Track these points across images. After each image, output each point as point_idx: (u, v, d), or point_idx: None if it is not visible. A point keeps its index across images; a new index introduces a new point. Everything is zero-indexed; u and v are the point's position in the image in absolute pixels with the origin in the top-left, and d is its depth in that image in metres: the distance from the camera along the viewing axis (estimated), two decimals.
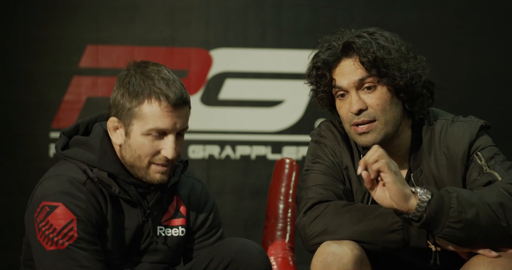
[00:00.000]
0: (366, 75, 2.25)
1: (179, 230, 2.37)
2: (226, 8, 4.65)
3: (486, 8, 4.70)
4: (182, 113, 2.22)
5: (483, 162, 2.24)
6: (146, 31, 4.61)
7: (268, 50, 4.68)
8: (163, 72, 2.24)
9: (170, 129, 2.21)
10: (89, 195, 2.22)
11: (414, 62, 2.27)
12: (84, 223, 2.18)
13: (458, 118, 2.34)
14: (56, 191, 2.19)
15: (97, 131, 2.31)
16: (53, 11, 4.58)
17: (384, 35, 2.29)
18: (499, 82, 4.71)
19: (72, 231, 2.16)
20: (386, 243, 2.14)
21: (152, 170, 2.24)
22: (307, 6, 4.66)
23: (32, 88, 4.57)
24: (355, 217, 2.17)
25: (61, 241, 2.15)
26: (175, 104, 2.19)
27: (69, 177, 2.22)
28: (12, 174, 4.47)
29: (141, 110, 2.20)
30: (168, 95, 2.19)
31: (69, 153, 2.28)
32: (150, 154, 2.22)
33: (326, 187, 2.29)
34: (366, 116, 2.25)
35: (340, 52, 2.28)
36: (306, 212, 2.25)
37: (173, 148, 2.21)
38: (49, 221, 2.16)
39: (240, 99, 4.68)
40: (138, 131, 2.22)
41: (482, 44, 4.70)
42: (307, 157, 2.42)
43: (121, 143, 2.25)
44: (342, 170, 2.34)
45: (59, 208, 2.17)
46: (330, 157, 2.36)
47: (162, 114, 2.19)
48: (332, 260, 2.10)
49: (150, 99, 2.20)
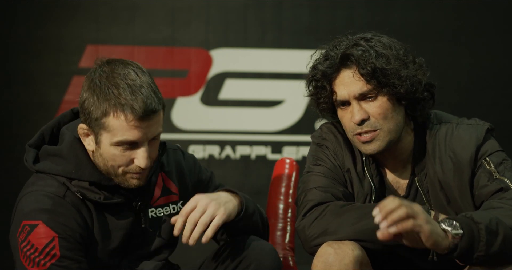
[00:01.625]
0: (366, 87, 2.23)
1: (170, 208, 2.33)
2: (226, 8, 4.65)
3: (486, 8, 4.70)
4: (151, 122, 2.12)
5: (493, 168, 2.23)
6: (146, 31, 4.61)
7: (268, 50, 4.68)
8: (130, 76, 2.12)
9: (140, 140, 2.12)
10: (71, 209, 2.15)
11: (414, 66, 2.25)
12: (66, 240, 2.11)
13: (462, 121, 2.33)
14: (35, 208, 2.13)
15: (67, 139, 2.22)
16: (53, 11, 4.58)
17: (381, 40, 2.27)
18: (499, 82, 4.71)
19: (54, 250, 2.09)
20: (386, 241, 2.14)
21: (128, 177, 2.17)
22: (307, 6, 4.66)
23: (32, 88, 4.57)
24: (354, 216, 2.17)
25: (43, 261, 2.09)
26: (142, 116, 2.09)
27: (47, 192, 2.15)
28: (12, 174, 4.47)
29: (108, 122, 2.11)
30: (133, 108, 2.08)
31: (43, 167, 2.20)
32: (122, 165, 2.15)
33: (326, 189, 2.28)
34: (369, 126, 2.24)
35: (338, 63, 2.26)
36: (305, 214, 2.25)
37: (146, 158, 2.13)
38: (31, 241, 2.10)
39: (240, 99, 4.68)
40: (107, 142, 2.13)
41: (482, 44, 4.70)
42: (308, 159, 2.41)
43: (93, 149, 2.18)
44: (343, 172, 2.34)
45: (39, 226, 2.10)
46: (332, 159, 2.35)
47: (129, 127, 2.10)
48: (333, 260, 2.10)
49: (116, 111, 2.09)
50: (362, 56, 2.22)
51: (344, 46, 2.27)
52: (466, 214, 2.06)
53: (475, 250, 2.02)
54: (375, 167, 2.33)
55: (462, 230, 2.01)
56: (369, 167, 2.32)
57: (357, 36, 2.30)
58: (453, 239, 2.01)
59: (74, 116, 2.32)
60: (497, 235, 2.03)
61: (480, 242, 2.02)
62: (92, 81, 2.16)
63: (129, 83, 2.11)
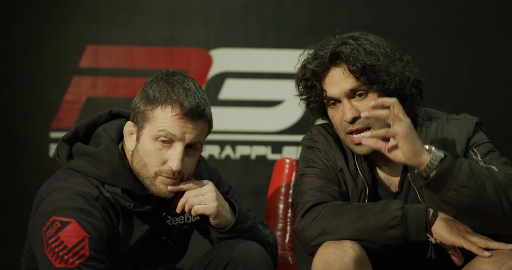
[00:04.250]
0: (356, 83, 2.25)
1: (185, 217, 2.35)
2: (226, 8, 4.65)
3: (486, 8, 4.70)
4: (195, 125, 2.16)
5: (479, 158, 2.25)
6: (146, 31, 4.61)
7: (268, 50, 4.68)
8: (187, 83, 2.19)
9: (178, 137, 2.15)
10: (102, 211, 2.17)
11: (401, 63, 2.27)
12: (96, 241, 2.12)
13: (452, 117, 2.36)
14: (68, 206, 2.13)
15: (105, 142, 2.24)
16: (53, 11, 4.58)
17: (368, 39, 2.29)
18: (499, 82, 4.71)
19: (83, 250, 2.10)
20: (386, 239, 2.14)
21: (158, 181, 2.18)
22: (307, 6, 4.66)
23: (32, 88, 4.57)
24: (353, 216, 2.18)
25: (72, 259, 2.09)
26: (187, 113, 2.14)
27: (81, 191, 2.17)
28: (12, 174, 4.47)
29: (154, 113, 2.16)
30: (182, 103, 2.14)
31: (78, 166, 2.22)
32: (156, 164, 2.16)
33: (322, 189, 2.29)
34: (361, 124, 2.26)
35: (328, 61, 2.27)
36: (304, 215, 2.25)
37: (179, 159, 2.15)
38: (60, 238, 2.10)
39: (240, 99, 4.68)
40: (147, 135, 2.16)
41: (482, 44, 4.70)
42: (300, 162, 2.43)
43: (132, 149, 2.20)
44: (336, 172, 2.35)
45: (71, 224, 2.11)
46: (324, 160, 2.36)
47: (172, 120, 2.14)
48: (333, 259, 2.10)
49: (165, 104, 2.15)
50: (351, 53, 2.24)
51: (332, 45, 2.29)
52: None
53: (455, 178, 2.02)
54: (367, 165, 2.34)
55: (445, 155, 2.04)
56: (361, 165, 2.34)
57: (344, 36, 2.32)
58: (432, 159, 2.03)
59: (110, 117, 2.35)
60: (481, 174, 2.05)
61: (460, 172, 2.03)
62: (147, 85, 2.21)
63: (185, 87, 2.18)
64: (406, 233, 2.12)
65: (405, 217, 2.12)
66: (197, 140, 2.18)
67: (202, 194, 2.21)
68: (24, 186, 4.37)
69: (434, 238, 2.12)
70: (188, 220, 2.36)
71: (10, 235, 4.39)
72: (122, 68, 4.60)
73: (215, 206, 2.21)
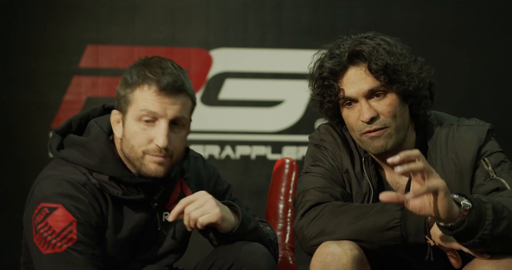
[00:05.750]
0: (375, 83, 2.22)
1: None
2: (226, 8, 4.65)
3: (486, 8, 4.70)
4: (174, 100, 2.17)
5: (490, 168, 2.23)
6: (146, 31, 4.61)
7: (268, 50, 4.68)
8: (164, 63, 2.21)
9: (160, 113, 2.16)
10: (90, 197, 2.18)
11: (417, 65, 2.26)
12: (84, 226, 2.14)
13: (463, 122, 2.33)
14: (56, 192, 2.16)
15: (95, 132, 2.26)
16: (53, 11, 4.58)
17: (385, 39, 2.27)
18: (499, 82, 4.71)
19: (71, 234, 2.12)
20: (384, 240, 2.14)
21: (147, 160, 2.19)
22: (307, 6, 4.66)
23: (32, 88, 4.57)
24: (352, 216, 2.17)
25: (59, 243, 2.11)
26: (164, 89, 2.15)
27: (69, 178, 2.19)
28: (12, 174, 4.47)
29: (134, 95, 2.18)
30: (159, 80, 2.16)
31: (67, 155, 2.24)
32: (142, 144, 2.17)
33: (324, 189, 2.28)
34: (378, 124, 2.23)
35: (346, 60, 2.24)
36: (304, 214, 2.25)
37: (165, 135, 2.16)
38: (48, 223, 2.12)
39: (240, 99, 4.68)
40: (131, 117, 2.18)
41: (482, 44, 4.70)
42: (306, 159, 2.41)
43: (121, 136, 2.22)
44: (342, 173, 2.33)
45: (59, 210, 2.13)
46: (330, 160, 2.34)
47: (152, 98, 2.16)
48: (331, 260, 2.10)
49: (142, 84, 2.17)
50: (373, 52, 2.21)
51: (348, 44, 2.26)
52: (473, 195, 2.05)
53: (480, 228, 1.98)
54: (374, 168, 2.32)
55: (471, 204, 1.98)
56: (368, 168, 2.32)
57: (359, 36, 2.29)
58: (463, 210, 1.97)
59: (104, 111, 2.37)
60: (503, 217, 2.01)
61: (487, 220, 1.99)
62: (127, 71, 2.23)
63: (161, 66, 2.19)
64: (405, 235, 2.12)
65: (404, 219, 2.11)
66: (180, 115, 2.19)
67: (201, 205, 2.20)
68: (24, 186, 4.36)
69: (432, 240, 2.11)
70: None
71: (10, 235, 4.38)
72: (122, 68, 4.58)
73: (218, 212, 2.20)
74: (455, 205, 1.97)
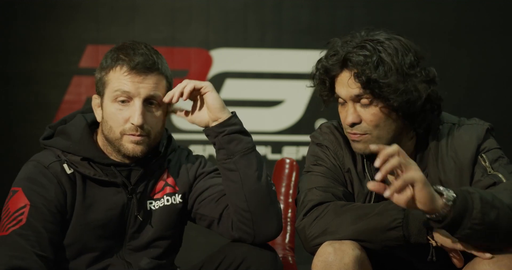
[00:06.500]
0: (361, 91, 2.22)
1: (164, 199, 2.34)
2: (226, 8, 4.65)
3: (486, 8, 4.70)
4: (146, 78, 2.22)
5: (487, 164, 2.24)
6: (146, 31, 4.61)
7: (268, 50, 4.68)
8: (137, 45, 2.25)
9: (133, 92, 2.21)
10: (51, 179, 2.22)
11: (417, 79, 2.21)
12: (37, 210, 2.18)
13: (463, 122, 2.34)
14: (21, 176, 2.25)
15: (75, 120, 2.33)
16: (53, 11, 4.58)
17: (392, 45, 2.23)
18: (499, 82, 4.71)
19: (21, 216, 2.16)
20: (386, 241, 2.14)
21: (125, 140, 2.23)
22: (307, 6, 4.66)
23: (32, 88, 4.57)
24: (354, 216, 2.17)
25: (8, 226, 2.16)
26: (135, 67, 2.20)
27: (35, 161, 2.26)
28: (12, 174, 4.46)
29: (108, 77, 2.24)
30: (130, 60, 2.21)
31: (47, 141, 2.32)
32: (119, 124, 2.22)
33: (326, 189, 2.28)
34: (358, 129, 2.24)
35: (341, 63, 2.24)
36: (306, 214, 2.25)
37: (139, 114, 2.20)
38: (8, 205, 2.20)
39: (240, 99, 4.68)
40: (107, 99, 2.24)
41: (482, 44, 4.70)
42: (308, 158, 2.41)
43: (101, 120, 2.27)
44: (343, 173, 2.34)
45: (18, 192, 2.21)
46: (332, 159, 2.35)
47: (124, 78, 2.21)
48: (333, 259, 2.10)
49: (115, 66, 2.23)
50: (360, 63, 2.20)
51: (352, 45, 2.24)
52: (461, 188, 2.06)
53: (469, 218, 1.99)
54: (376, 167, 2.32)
55: (456, 194, 1.99)
56: (370, 167, 2.32)
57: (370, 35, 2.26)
58: (446, 201, 1.98)
59: None
60: (493, 206, 2.02)
61: (474, 209, 1.99)
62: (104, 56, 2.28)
63: (133, 48, 2.24)
64: (407, 235, 2.12)
65: (406, 219, 2.11)
66: (154, 93, 2.23)
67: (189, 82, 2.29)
68: None
69: (435, 241, 2.12)
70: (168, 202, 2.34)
71: None
72: None
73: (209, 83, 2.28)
74: (437, 196, 1.98)
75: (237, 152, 2.28)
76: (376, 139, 2.24)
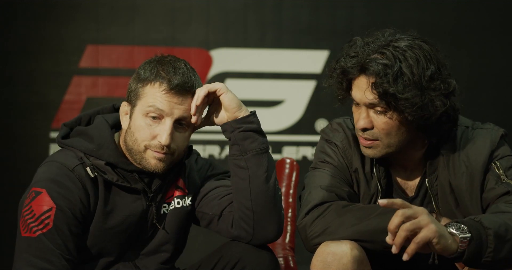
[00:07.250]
0: (377, 101, 2.18)
1: (175, 202, 2.34)
2: (226, 8, 4.65)
3: (485, 8, 4.70)
4: (183, 100, 2.22)
5: (501, 172, 2.22)
6: (146, 31, 4.61)
7: (268, 50, 4.68)
8: (178, 63, 2.26)
9: (167, 112, 2.20)
10: (76, 182, 2.21)
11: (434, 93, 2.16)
12: (63, 214, 2.17)
13: (477, 125, 2.31)
14: (44, 177, 2.21)
15: (97, 122, 2.31)
16: (53, 11, 4.58)
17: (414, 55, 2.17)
18: (499, 82, 4.71)
19: (48, 219, 2.15)
20: (387, 242, 2.13)
21: (148, 154, 2.22)
22: (307, 6, 4.66)
23: (32, 88, 4.57)
24: (355, 217, 2.16)
25: (35, 228, 2.14)
26: (174, 88, 2.20)
27: (59, 163, 2.23)
28: (12, 174, 4.47)
29: (144, 90, 2.22)
30: (170, 79, 2.20)
31: (68, 141, 2.29)
32: (146, 138, 2.21)
33: (331, 188, 2.26)
34: (370, 135, 2.22)
35: (359, 67, 2.18)
36: (308, 213, 2.24)
37: (168, 134, 2.19)
38: (32, 207, 2.17)
39: (240, 99, 4.66)
40: (138, 111, 2.22)
41: (482, 44, 4.70)
42: (316, 154, 2.38)
43: (126, 128, 2.26)
44: (351, 172, 2.32)
45: (43, 194, 2.18)
46: (340, 158, 2.32)
47: (161, 96, 2.20)
48: (332, 259, 2.10)
49: (154, 81, 2.22)
50: (379, 73, 2.14)
51: (373, 48, 2.19)
52: (475, 218, 2.04)
53: (483, 256, 2.01)
54: (384, 169, 2.31)
55: (470, 234, 2.00)
56: (378, 168, 2.31)
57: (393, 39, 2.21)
58: (461, 243, 1.99)
59: (113, 110, 2.41)
60: (506, 241, 2.02)
61: (488, 248, 2.00)
62: (142, 66, 2.28)
63: (174, 66, 2.25)
64: None
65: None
66: (186, 115, 2.23)
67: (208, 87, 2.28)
68: (24, 186, 4.36)
69: None
70: (179, 204, 2.34)
71: (10, 234, 4.38)
72: (122, 68, 4.60)
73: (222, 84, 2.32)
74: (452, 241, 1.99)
75: (250, 150, 2.27)
76: (386, 146, 2.22)
